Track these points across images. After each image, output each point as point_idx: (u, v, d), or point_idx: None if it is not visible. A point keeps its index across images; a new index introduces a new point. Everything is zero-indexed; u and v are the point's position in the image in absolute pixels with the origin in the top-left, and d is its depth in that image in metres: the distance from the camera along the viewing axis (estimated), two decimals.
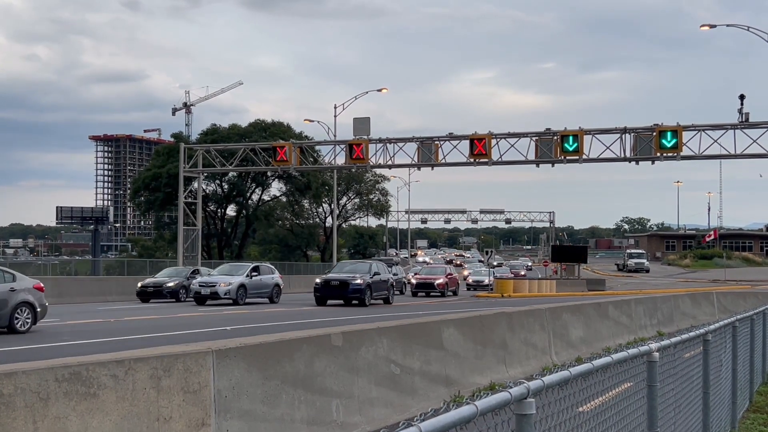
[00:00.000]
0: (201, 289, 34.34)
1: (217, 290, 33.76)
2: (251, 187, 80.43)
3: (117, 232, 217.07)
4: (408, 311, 29.58)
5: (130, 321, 23.72)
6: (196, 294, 34.50)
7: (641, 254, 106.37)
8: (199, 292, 34.33)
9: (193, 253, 52.65)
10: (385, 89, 64.76)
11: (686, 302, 28.26)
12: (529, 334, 14.75)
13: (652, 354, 5.74)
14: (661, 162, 41.86)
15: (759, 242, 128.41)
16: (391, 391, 9.86)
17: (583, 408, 4.44)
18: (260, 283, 35.61)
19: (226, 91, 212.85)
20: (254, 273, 35.60)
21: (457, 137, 44.39)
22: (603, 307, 19.89)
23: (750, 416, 10.78)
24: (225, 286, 33.90)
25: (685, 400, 7.31)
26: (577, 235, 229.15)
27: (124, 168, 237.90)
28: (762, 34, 41.20)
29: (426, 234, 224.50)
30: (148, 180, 77.12)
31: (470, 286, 59.83)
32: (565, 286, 57.60)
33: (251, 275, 35.23)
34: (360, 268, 35.27)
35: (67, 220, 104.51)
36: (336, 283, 33.47)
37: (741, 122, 40.37)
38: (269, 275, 36.69)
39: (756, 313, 12.04)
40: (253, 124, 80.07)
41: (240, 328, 20.56)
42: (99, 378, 6.10)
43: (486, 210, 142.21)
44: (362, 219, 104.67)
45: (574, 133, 41.85)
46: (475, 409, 3.03)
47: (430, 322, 11.82)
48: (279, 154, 47.46)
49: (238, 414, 7.28)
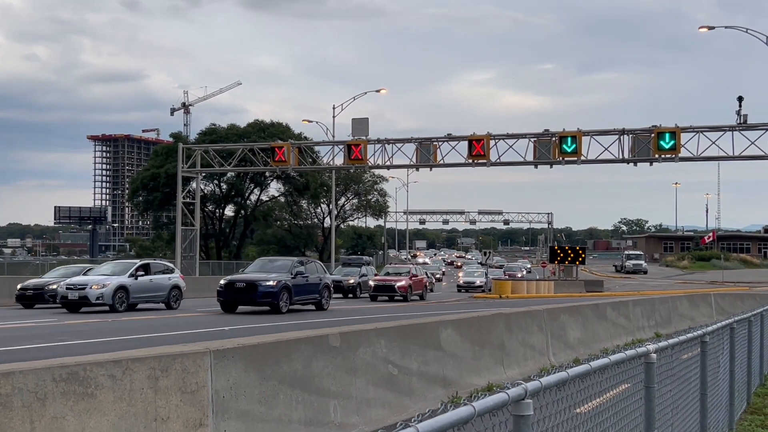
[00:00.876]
0: (68, 292, 27.46)
1: (87, 294, 27.11)
2: (250, 187, 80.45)
3: (115, 232, 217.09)
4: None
5: None
6: (62, 299, 27.68)
7: (639, 256, 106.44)
8: (66, 297, 27.48)
9: (191, 253, 52.66)
10: (384, 90, 65.01)
11: (684, 304, 28.27)
12: (526, 335, 14.76)
13: (649, 355, 5.74)
14: (659, 163, 41.95)
15: (757, 244, 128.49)
16: (388, 392, 9.86)
17: (581, 409, 4.44)
18: (150, 285, 29.06)
19: (224, 91, 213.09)
20: (141, 272, 28.88)
21: (456, 138, 44.44)
22: (601, 308, 19.90)
23: (747, 418, 10.79)
24: (97, 289, 27.21)
25: (682, 401, 7.32)
26: (575, 236, 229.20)
27: (123, 168, 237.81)
28: (760, 36, 41.26)
29: (424, 235, 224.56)
30: (146, 180, 77.15)
31: (461, 287, 59.61)
32: (563, 287, 57.62)
33: (137, 275, 28.63)
34: (279, 266, 28.88)
35: (65, 219, 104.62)
36: (242, 285, 27.05)
37: (739, 124, 40.44)
38: (164, 275, 30.08)
39: (754, 315, 12.05)
40: (251, 124, 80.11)
41: (240, 328, 20.52)
42: (96, 378, 6.09)
43: (484, 211, 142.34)
44: (360, 219, 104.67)
45: (572, 134, 41.89)
46: (472, 410, 3.03)
47: (429, 322, 11.82)
48: (277, 155, 47.49)
49: (235, 414, 7.28)
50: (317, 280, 29.53)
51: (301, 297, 28.34)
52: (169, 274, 30.57)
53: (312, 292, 29.09)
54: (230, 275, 30.42)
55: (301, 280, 28.26)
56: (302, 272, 28.44)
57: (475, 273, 63.69)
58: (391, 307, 34.51)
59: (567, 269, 67.39)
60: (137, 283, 28.43)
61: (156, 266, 30.57)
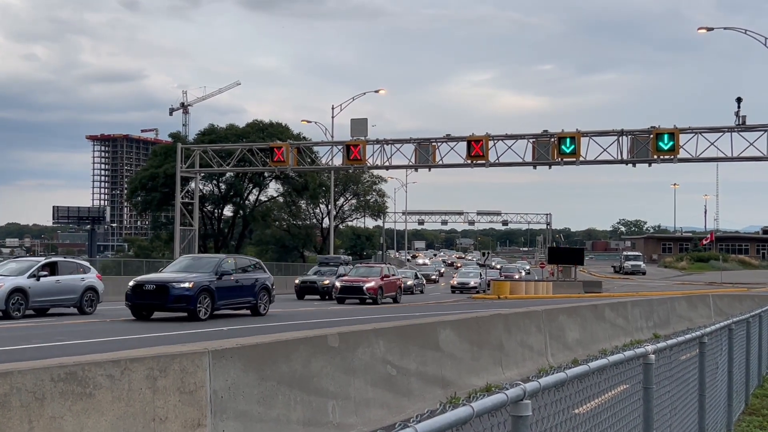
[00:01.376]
0: None
1: None
2: (248, 187, 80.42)
3: (114, 232, 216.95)
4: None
5: None
6: None
7: (638, 256, 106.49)
8: None
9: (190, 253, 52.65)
10: (383, 90, 65.11)
11: (682, 305, 28.28)
12: (525, 335, 14.76)
13: (648, 356, 5.75)
14: (657, 164, 42.00)
15: (755, 245, 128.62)
16: (387, 392, 9.87)
17: (580, 410, 4.44)
18: (57, 287, 25.38)
19: (223, 91, 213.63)
20: (44, 272, 25.09)
21: (455, 139, 44.47)
22: (599, 309, 19.91)
23: (746, 419, 10.80)
24: None
25: (681, 402, 7.32)
26: (574, 237, 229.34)
27: (121, 168, 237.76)
28: (759, 37, 41.32)
29: (423, 235, 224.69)
30: (145, 180, 77.12)
31: (455, 288, 59.39)
32: (562, 288, 57.66)
33: (38, 275, 24.80)
34: (202, 264, 25.24)
35: (64, 219, 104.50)
36: (151, 287, 23.34)
37: (738, 125, 40.49)
38: (75, 275, 26.35)
39: (752, 316, 12.06)
40: (250, 124, 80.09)
41: (241, 328, 20.51)
42: (95, 378, 6.09)
43: (483, 211, 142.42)
44: (359, 220, 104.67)
45: (571, 135, 41.92)
46: (471, 411, 3.03)
47: (427, 323, 11.82)
48: (276, 155, 47.51)
49: (234, 415, 7.28)
50: (252, 280, 25.85)
51: (229, 301, 24.71)
52: (82, 274, 26.75)
53: (245, 295, 25.45)
54: (141, 275, 27.11)
55: (228, 281, 24.53)
56: (229, 272, 24.70)
57: (470, 274, 63.60)
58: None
59: (565, 270, 67.46)
60: (40, 285, 24.75)
61: (65, 266, 26.55)
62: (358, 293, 37.71)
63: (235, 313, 25.68)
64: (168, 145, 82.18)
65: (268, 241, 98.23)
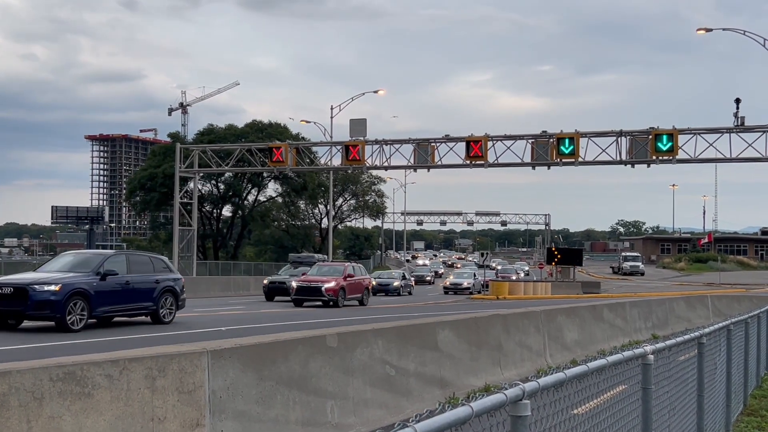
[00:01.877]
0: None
1: None
2: (247, 187, 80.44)
3: (112, 231, 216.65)
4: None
5: None
6: None
7: (636, 257, 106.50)
8: None
9: (188, 253, 52.62)
10: (382, 91, 65.05)
11: (681, 305, 28.30)
12: (524, 336, 14.76)
13: (646, 356, 5.75)
14: (656, 165, 42.02)
15: (754, 246, 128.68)
16: (386, 393, 9.87)
17: (578, 410, 4.44)
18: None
19: (222, 91, 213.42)
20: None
21: (454, 139, 44.49)
22: (598, 309, 19.92)
23: (744, 419, 10.81)
24: None
25: (679, 402, 7.33)
26: (573, 238, 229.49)
27: (120, 168, 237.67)
28: (758, 38, 41.35)
29: (421, 235, 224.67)
30: (143, 180, 77.13)
31: (448, 289, 59.06)
32: (560, 288, 57.68)
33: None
34: (81, 262, 20.78)
35: (63, 219, 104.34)
36: (8, 291, 18.68)
37: (737, 126, 40.53)
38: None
39: (750, 317, 12.08)
40: (249, 124, 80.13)
41: (239, 328, 20.50)
42: (93, 378, 6.09)
43: (482, 212, 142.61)
44: (358, 220, 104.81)
45: (570, 135, 41.94)
46: (470, 411, 3.03)
47: (426, 323, 11.83)
48: (275, 155, 47.52)
49: (232, 414, 7.27)
50: (151, 282, 21.53)
51: (115, 307, 20.43)
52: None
53: (140, 300, 21.15)
54: None
55: (115, 282, 20.19)
56: (115, 271, 20.26)
57: (464, 275, 63.37)
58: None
59: (564, 271, 67.51)
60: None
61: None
62: (316, 294, 33.98)
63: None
64: (167, 145, 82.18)
65: (267, 242, 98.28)
